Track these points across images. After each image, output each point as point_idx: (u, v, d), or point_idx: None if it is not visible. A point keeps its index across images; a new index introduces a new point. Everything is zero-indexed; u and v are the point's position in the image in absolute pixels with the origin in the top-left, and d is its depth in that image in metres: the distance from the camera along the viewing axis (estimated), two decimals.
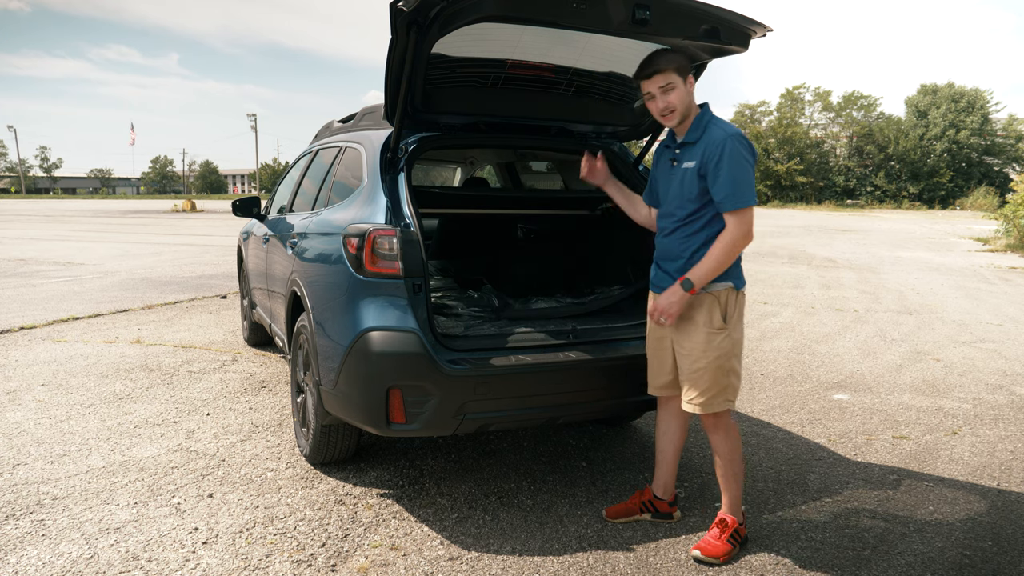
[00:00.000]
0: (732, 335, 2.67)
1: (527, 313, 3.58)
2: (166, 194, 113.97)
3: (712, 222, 2.65)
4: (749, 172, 2.58)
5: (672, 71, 2.62)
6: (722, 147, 2.55)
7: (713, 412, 2.70)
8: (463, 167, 5.92)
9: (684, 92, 2.65)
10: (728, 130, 2.60)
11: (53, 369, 5.25)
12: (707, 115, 2.69)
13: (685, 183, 2.67)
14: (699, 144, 2.64)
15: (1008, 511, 3.17)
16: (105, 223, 27.62)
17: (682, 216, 2.69)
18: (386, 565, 2.64)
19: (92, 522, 2.91)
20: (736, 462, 2.78)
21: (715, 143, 2.58)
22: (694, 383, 2.70)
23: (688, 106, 2.67)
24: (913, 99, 60.42)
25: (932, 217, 37.99)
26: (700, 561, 2.67)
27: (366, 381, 2.80)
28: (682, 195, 2.68)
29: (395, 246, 2.81)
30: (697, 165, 2.62)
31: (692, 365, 2.69)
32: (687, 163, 2.67)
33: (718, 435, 2.76)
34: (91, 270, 11.46)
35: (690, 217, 2.67)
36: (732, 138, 2.57)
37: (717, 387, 2.68)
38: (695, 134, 2.66)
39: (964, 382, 5.31)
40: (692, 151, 2.66)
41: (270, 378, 5.10)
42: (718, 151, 2.56)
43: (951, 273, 12.20)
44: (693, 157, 2.65)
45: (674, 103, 2.64)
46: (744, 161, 2.57)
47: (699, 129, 2.66)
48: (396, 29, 2.65)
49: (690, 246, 2.67)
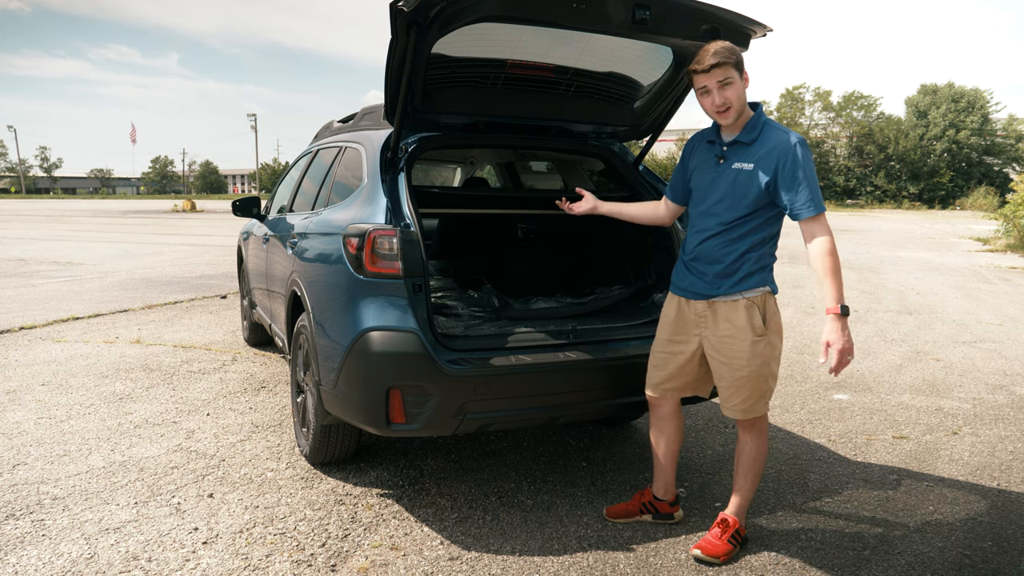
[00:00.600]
0: (771, 340, 2.63)
1: (527, 313, 3.58)
2: (166, 194, 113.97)
3: (759, 228, 2.60)
4: (816, 178, 2.53)
5: (731, 65, 2.50)
6: (795, 153, 2.48)
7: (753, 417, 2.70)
8: (463, 167, 5.92)
9: (741, 88, 2.54)
10: (792, 135, 2.53)
11: (53, 369, 5.25)
12: (763, 115, 2.60)
13: (739, 185, 2.56)
14: (757, 146, 2.54)
15: (1008, 511, 3.17)
16: (105, 223, 27.62)
17: (730, 220, 2.59)
18: (386, 565, 2.64)
19: (92, 522, 2.91)
20: (759, 464, 2.77)
21: (785, 149, 2.49)
22: (737, 390, 2.65)
23: (744, 103, 2.57)
24: (913, 99, 60.45)
25: (932, 217, 37.99)
26: (700, 561, 2.67)
27: (366, 381, 2.80)
28: (734, 197, 2.57)
29: (395, 246, 2.81)
30: (759, 168, 2.52)
31: (735, 373, 2.63)
32: (741, 164, 2.56)
33: (751, 435, 2.75)
34: (91, 270, 11.46)
35: (738, 221, 2.58)
36: (802, 143, 2.50)
37: (758, 392, 2.66)
38: (750, 134, 2.56)
39: (964, 382, 5.31)
40: (747, 152, 2.56)
41: (270, 378, 5.10)
42: (791, 157, 2.47)
43: (951, 273, 12.20)
44: (749, 159, 2.55)
45: (731, 99, 2.52)
46: (813, 167, 2.52)
47: (755, 130, 2.56)
48: (396, 29, 2.65)
49: (733, 251, 2.59)
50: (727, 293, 2.62)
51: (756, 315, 2.60)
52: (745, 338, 2.60)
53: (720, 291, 2.63)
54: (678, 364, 2.79)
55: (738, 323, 2.61)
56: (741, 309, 2.61)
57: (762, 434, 2.75)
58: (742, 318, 2.60)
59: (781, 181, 2.49)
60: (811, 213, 2.49)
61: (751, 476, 2.77)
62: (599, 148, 3.73)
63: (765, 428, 2.77)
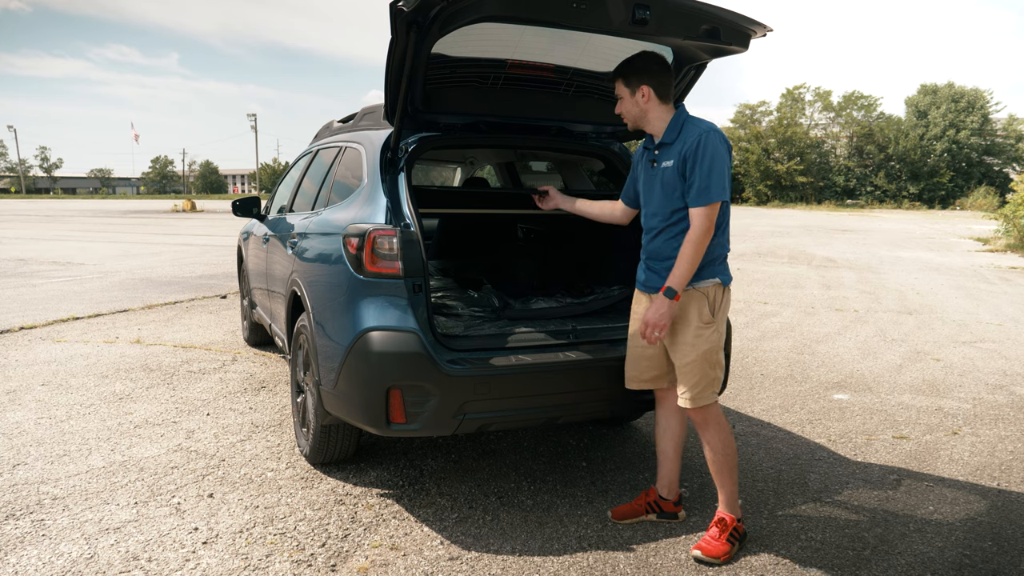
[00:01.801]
0: (719, 328, 2.75)
1: (527, 313, 3.58)
2: (166, 194, 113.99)
3: None
4: (724, 166, 2.63)
5: (621, 81, 2.78)
6: (697, 142, 2.62)
7: (701, 406, 2.75)
8: (463, 167, 5.92)
9: (631, 103, 2.77)
10: (702, 126, 2.67)
11: (53, 369, 5.25)
12: (683, 115, 2.75)
13: (666, 182, 2.72)
14: (677, 144, 2.70)
15: (1008, 511, 3.17)
16: (105, 223, 27.62)
17: (667, 215, 2.73)
18: (386, 565, 2.64)
19: (92, 522, 2.91)
20: (729, 456, 2.80)
21: (691, 141, 2.64)
22: (684, 377, 2.75)
23: (636, 117, 2.78)
24: (913, 99, 60.44)
25: (932, 217, 37.99)
26: (700, 561, 2.67)
27: (366, 381, 2.80)
28: (664, 194, 2.73)
29: (395, 246, 2.81)
30: (676, 163, 2.67)
31: (682, 359, 2.74)
32: (666, 162, 2.72)
33: (709, 430, 2.79)
34: (91, 270, 11.46)
35: (675, 215, 2.71)
36: (707, 133, 2.63)
37: (705, 380, 2.73)
38: (672, 135, 2.72)
39: (964, 382, 5.31)
40: (670, 151, 2.72)
41: (270, 378, 5.10)
42: (692, 148, 2.62)
43: (951, 273, 12.20)
44: (671, 157, 2.70)
45: (621, 111, 2.82)
46: (719, 156, 2.62)
47: (675, 130, 2.72)
48: (396, 29, 2.65)
49: (678, 244, 2.70)
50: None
51: (704, 305, 2.71)
52: (691, 325, 2.71)
53: None
54: (647, 357, 2.88)
55: (686, 313, 2.72)
56: (692, 299, 2.71)
57: (719, 426, 2.80)
58: (691, 308, 2.71)
59: (686, 172, 2.64)
60: (696, 204, 2.61)
61: (726, 470, 2.80)
62: (599, 148, 3.73)
63: (721, 420, 2.81)
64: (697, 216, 2.61)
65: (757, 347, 6.36)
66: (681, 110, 2.78)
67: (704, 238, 2.61)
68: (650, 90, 2.73)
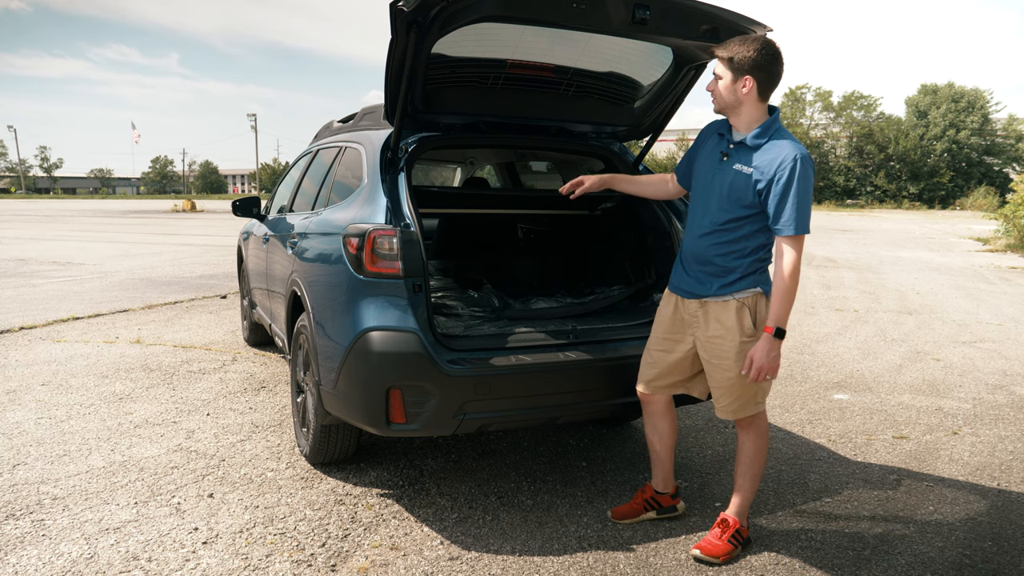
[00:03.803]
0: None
1: (527, 313, 3.58)
2: (166, 194, 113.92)
3: (754, 234, 2.57)
4: (810, 198, 2.50)
5: (725, 61, 2.53)
6: (793, 167, 2.43)
7: (748, 416, 2.70)
8: (463, 167, 5.92)
9: (729, 89, 2.53)
10: (799, 148, 2.48)
11: (53, 369, 5.25)
12: (775, 123, 2.56)
13: (736, 187, 2.55)
14: (761, 152, 2.52)
15: (1008, 511, 3.17)
16: (105, 223, 27.62)
17: (723, 220, 2.59)
18: (386, 565, 2.64)
19: (92, 522, 2.91)
20: (759, 463, 2.77)
21: (785, 161, 2.45)
22: (726, 391, 2.66)
23: (728, 104, 2.55)
24: (913, 99, 60.46)
25: (932, 217, 37.99)
26: (700, 560, 2.67)
27: (366, 381, 2.80)
28: (729, 198, 2.57)
29: (395, 246, 2.81)
30: (757, 176, 2.50)
31: (724, 373, 2.64)
32: (741, 166, 2.54)
33: (749, 434, 2.75)
34: (91, 270, 11.46)
35: (732, 223, 2.57)
36: (804, 160, 2.46)
37: (748, 394, 2.66)
38: (758, 140, 2.53)
39: (964, 382, 5.31)
40: (750, 156, 2.54)
41: (270, 378, 5.10)
42: (788, 170, 2.44)
43: (951, 273, 12.20)
44: (751, 163, 2.52)
45: (712, 89, 2.59)
46: (810, 186, 2.49)
47: (764, 136, 2.53)
48: (396, 29, 2.65)
49: (726, 252, 2.59)
50: (717, 294, 2.62)
51: (746, 316, 2.59)
52: (733, 339, 2.59)
53: (711, 291, 2.63)
54: (670, 363, 2.80)
55: (727, 324, 2.60)
56: (731, 310, 2.60)
57: (761, 433, 2.75)
58: (731, 319, 2.59)
59: (773, 192, 2.47)
60: (790, 232, 2.46)
61: (750, 476, 2.77)
62: (599, 148, 3.73)
63: (764, 427, 2.77)
64: (791, 246, 2.47)
65: None
66: (775, 115, 2.57)
67: (798, 269, 2.46)
68: (755, 84, 2.50)
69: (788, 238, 2.48)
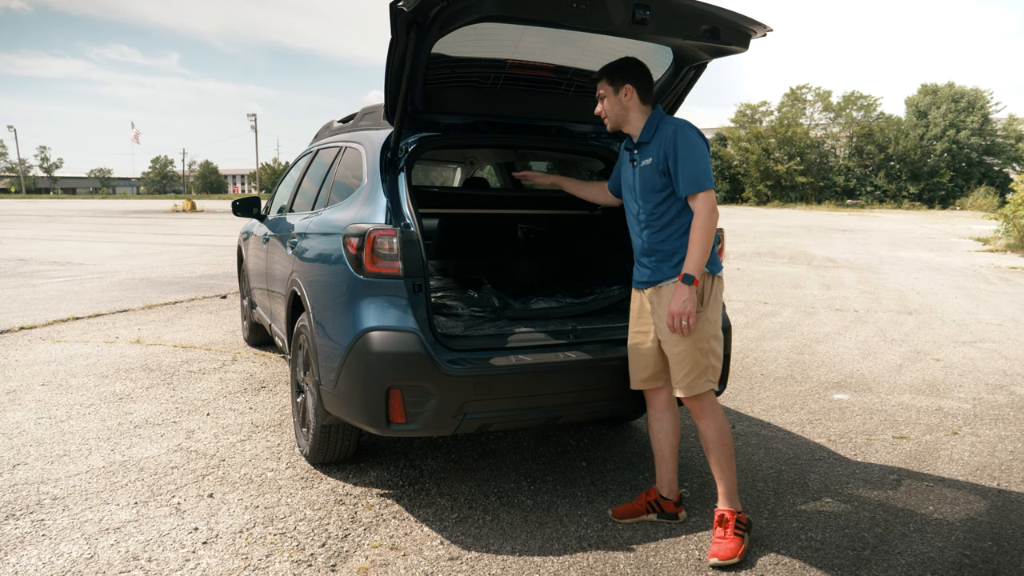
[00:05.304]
0: (709, 317, 2.77)
1: (527, 313, 3.58)
2: (166, 194, 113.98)
3: (680, 215, 2.77)
4: (704, 157, 2.72)
5: (605, 80, 2.83)
6: (674, 139, 2.70)
7: (697, 395, 2.77)
8: (463, 167, 5.92)
9: (613, 102, 2.82)
10: (677, 122, 2.76)
11: (53, 369, 5.25)
12: (659, 115, 2.83)
13: (646, 178, 2.81)
14: (653, 142, 2.78)
15: (1008, 511, 3.17)
16: (105, 223, 27.62)
17: (650, 210, 2.82)
18: (386, 565, 2.64)
19: (92, 522, 2.91)
20: (726, 446, 2.81)
21: (667, 138, 2.73)
22: (677, 366, 2.78)
23: (618, 116, 2.84)
24: (913, 99, 60.40)
25: (932, 217, 37.99)
26: (719, 568, 2.63)
27: (366, 381, 2.80)
28: (644, 189, 2.82)
29: (395, 246, 2.81)
30: (655, 161, 2.76)
31: (674, 348, 2.78)
32: (645, 161, 2.81)
33: (705, 419, 2.82)
34: (91, 270, 11.46)
35: (656, 210, 2.80)
36: (680, 128, 2.73)
37: (698, 368, 2.76)
38: (648, 134, 2.81)
39: (964, 382, 5.31)
40: (648, 149, 2.80)
41: (270, 378, 5.10)
42: (672, 143, 2.71)
43: (951, 273, 12.20)
44: (649, 155, 2.79)
45: (601, 111, 2.88)
46: (696, 147, 2.70)
47: (652, 128, 2.80)
48: (396, 29, 2.65)
49: (663, 238, 2.80)
50: (668, 277, 2.80)
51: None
52: None
53: (662, 276, 2.82)
54: (643, 353, 2.92)
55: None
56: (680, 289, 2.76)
57: (716, 415, 2.82)
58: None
59: (671, 168, 2.73)
60: (692, 191, 2.69)
61: (723, 460, 2.81)
62: (599, 148, 3.73)
63: (717, 409, 2.83)
64: (698, 202, 2.69)
65: (757, 347, 6.36)
66: (657, 110, 2.85)
67: (711, 221, 2.67)
68: (633, 90, 2.81)
69: (692, 197, 2.71)
